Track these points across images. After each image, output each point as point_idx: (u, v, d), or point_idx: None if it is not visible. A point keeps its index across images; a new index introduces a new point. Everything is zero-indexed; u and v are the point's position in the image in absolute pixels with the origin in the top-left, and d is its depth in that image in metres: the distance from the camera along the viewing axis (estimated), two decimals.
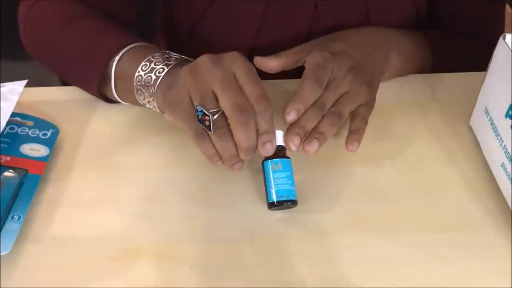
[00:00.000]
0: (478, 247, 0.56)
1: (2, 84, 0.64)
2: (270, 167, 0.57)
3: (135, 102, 0.62)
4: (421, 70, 0.74)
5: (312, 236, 0.56)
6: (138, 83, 0.59)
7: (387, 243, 0.56)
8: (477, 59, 0.67)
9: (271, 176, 0.57)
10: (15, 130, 0.63)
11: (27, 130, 0.64)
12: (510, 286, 0.53)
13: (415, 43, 0.73)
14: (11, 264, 0.54)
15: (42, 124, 0.64)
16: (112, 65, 0.63)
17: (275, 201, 0.56)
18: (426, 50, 0.73)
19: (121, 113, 0.68)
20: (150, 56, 0.60)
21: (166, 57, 0.59)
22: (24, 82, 0.64)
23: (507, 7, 1.02)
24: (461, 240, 0.56)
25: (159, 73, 0.58)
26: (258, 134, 0.53)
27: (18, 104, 0.62)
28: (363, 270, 0.54)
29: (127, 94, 0.63)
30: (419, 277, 0.53)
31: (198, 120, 0.53)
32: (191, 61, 0.59)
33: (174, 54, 0.61)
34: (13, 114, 0.62)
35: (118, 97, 0.65)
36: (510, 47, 0.57)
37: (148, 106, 0.61)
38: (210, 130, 0.53)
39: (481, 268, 0.54)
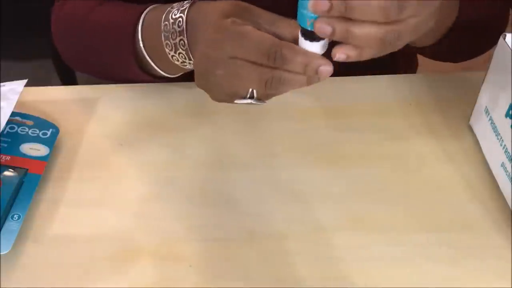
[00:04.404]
0: (478, 247, 0.56)
1: (2, 84, 0.64)
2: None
3: (176, 68, 0.60)
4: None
5: (312, 236, 0.56)
6: (169, 46, 0.58)
7: (387, 243, 0.56)
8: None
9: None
10: (15, 130, 0.63)
11: (27, 129, 0.64)
12: (510, 286, 0.53)
13: None
14: (11, 263, 0.54)
15: (42, 123, 0.64)
16: (138, 37, 0.62)
17: None
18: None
19: (121, 113, 0.68)
20: (165, 12, 0.57)
21: (181, 4, 0.57)
22: (24, 81, 0.64)
23: None
24: (461, 240, 0.56)
25: (180, 24, 0.55)
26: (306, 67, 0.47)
27: (18, 103, 0.62)
28: (363, 270, 0.54)
29: (165, 63, 0.61)
30: (419, 277, 0.53)
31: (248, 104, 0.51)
32: None
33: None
34: (13, 114, 0.62)
35: (161, 69, 0.63)
36: (510, 46, 0.57)
37: (179, 61, 0.58)
38: (264, 102, 0.51)
39: (481, 268, 0.54)
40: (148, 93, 0.70)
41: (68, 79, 1.23)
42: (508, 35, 0.57)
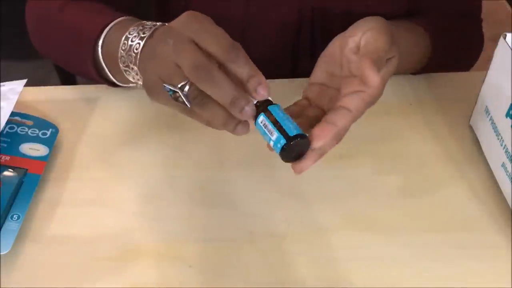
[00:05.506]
0: (478, 247, 0.56)
1: (2, 84, 0.64)
2: (278, 109, 0.49)
3: (130, 82, 0.59)
4: (418, 67, 0.72)
5: (312, 236, 0.56)
6: (124, 64, 0.57)
7: (387, 243, 0.56)
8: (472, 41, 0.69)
9: (280, 116, 0.48)
10: (14, 130, 0.63)
11: (26, 129, 0.64)
12: (510, 286, 0.53)
13: (415, 37, 0.69)
14: (10, 263, 0.54)
15: (41, 123, 0.64)
16: (98, 50, 0.61)
17: (299, 132, 0.48)
18: (426, 43, 0.70)
19: (121, 113, 0.68)
20: (126, 33, 0.56)
21: (140, 29, 0.56)
22: (24, 81, 0.64)
23: (507, 6, 1.03)
24: (461, 240, 0.56)
25: (136, 49, 0.54)
26: (244, 82, 0.47)
27: (17, 103, 0.62)
28: (363, 270, 0.54)
29: (121, 76, 0.60)
30: (419, 277, 0.53)
31: (175, 99, 0.49)
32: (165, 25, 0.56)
33: (148, 23, 0.57)
34: (13, 114, 0.62)
35: (117, 80, 0.63)
36: (511, 46, 0.57)
37: (140, 83, 0.57)
38: (186, 105, 0.48)
39: (481, 268, 0.54)
40: None
41: (67, 79, 1.23)
42: (508, 35, 0.57)
